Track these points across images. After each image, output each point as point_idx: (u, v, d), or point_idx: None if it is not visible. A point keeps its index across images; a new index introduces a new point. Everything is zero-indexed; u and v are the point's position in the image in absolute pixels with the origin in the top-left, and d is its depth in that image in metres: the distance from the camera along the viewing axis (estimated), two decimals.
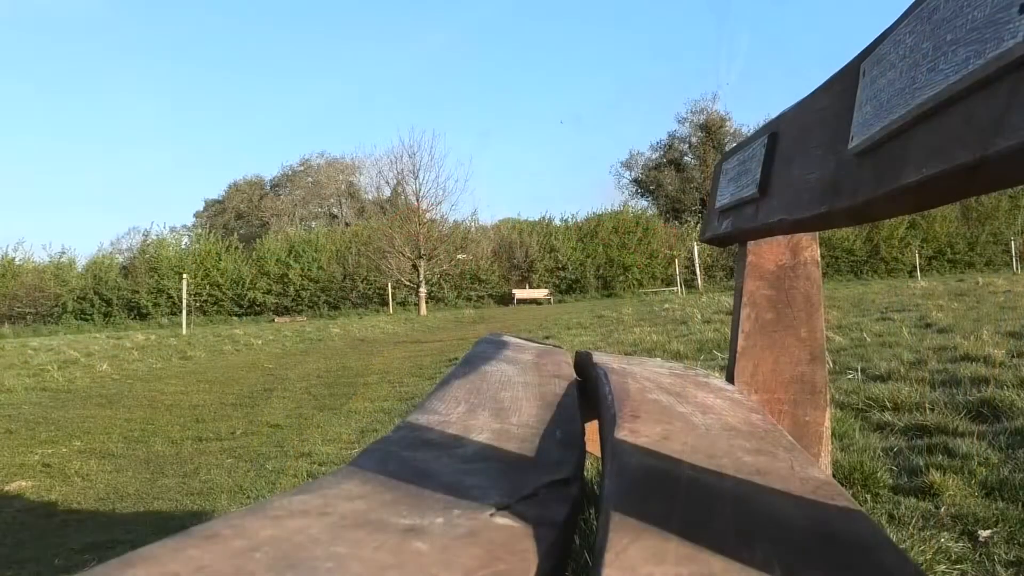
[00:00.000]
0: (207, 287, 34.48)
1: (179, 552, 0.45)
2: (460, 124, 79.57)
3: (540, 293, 34.30)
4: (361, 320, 25.18)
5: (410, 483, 0.66)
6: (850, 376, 4.54)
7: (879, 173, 0.88)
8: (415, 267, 31.34)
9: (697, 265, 33.14)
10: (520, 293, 34.11)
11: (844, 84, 1.07)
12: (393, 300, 33.08)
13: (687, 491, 0.66)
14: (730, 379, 1.57)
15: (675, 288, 31.38)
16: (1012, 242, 34.65)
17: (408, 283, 31.71)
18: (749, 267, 1.60)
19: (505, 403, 1.13)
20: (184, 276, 25.44)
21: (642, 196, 51.68)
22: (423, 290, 30.95)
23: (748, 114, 72.08)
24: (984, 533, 2.05)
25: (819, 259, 1.61)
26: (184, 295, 23.76)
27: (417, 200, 32.62)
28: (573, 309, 21.73)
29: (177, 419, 5.77)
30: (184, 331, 20.90)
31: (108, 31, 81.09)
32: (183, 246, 37.88)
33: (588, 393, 1.44)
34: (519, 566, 0.49)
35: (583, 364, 1.67)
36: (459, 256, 33.07)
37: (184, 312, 22.95)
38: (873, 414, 3.50)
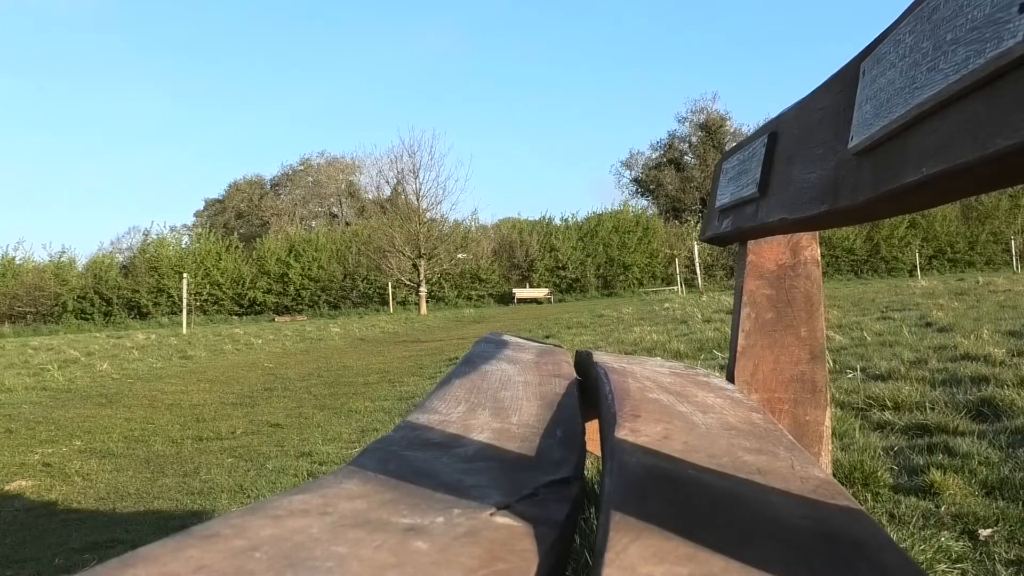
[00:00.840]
0: (207, 286, 34.48)
1: (179, 552, 0.45)
2: (460, 124, 79.67)
3: (540, 292, 34.28)
4: (361, 319, 25.19)
5: (410, 483, 0.67)
6: (850, 375, 4.54)
7: (879, 173, 0.88)
8: (415, 266, 31.33)
9: (697, 264, 33.13)
10: (520, 292, 34.09)
11: (844, 84, 1.07)
12: (393, 299, 33.08)
13: (687, 490, 0.66)
14: (730, 378, 1.57)
15: (675, 287, 31.39)
16: (1012, 241, 34.68)
17: (408, 282, 31.70)
18: (749, 266, 1.60)
19: (505, 402, 1.13)
20: (184, 275, 25.42)
21: (642, 195, 51.73)
22: (423, 289, 30.94)
23: (748, 114, 72.12)
24: (984, 532, 2.05)
25: (819, 258, 1.61)
26: (184, 294, 23.74)
27: (417, 199, 32.60)
28: (573, 308, 21.73)
29: (177, 418, 5.77)
30: (184, 330, 20.90)
31: (108, 30, 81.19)
32: (183, 245, 37.88)
33: (588, 392, 1.44)
34: (519, 566, 0.49)
35: (583, 363, 1.66)
36: (459, 255, 33.04)
37: (184, 311, 22.95)
38: (873, 413, 3.50)
